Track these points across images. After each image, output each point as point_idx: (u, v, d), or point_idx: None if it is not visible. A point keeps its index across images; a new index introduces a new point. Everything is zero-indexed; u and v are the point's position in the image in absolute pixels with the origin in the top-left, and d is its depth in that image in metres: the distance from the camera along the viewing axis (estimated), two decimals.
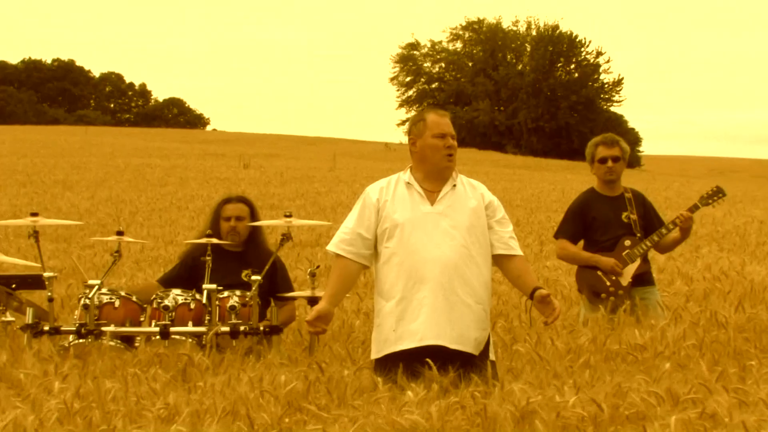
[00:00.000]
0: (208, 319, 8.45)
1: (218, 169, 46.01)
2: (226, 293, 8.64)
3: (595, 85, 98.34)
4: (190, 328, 8.49)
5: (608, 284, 9.39)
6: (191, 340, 8.35)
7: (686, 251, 15.09)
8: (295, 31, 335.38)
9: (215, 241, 8.93)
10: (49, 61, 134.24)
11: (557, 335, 8.28)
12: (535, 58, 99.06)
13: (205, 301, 8.54)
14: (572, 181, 44.77)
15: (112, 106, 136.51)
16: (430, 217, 7.37)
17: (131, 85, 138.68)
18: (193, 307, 8.64)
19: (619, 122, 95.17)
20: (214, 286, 8.50)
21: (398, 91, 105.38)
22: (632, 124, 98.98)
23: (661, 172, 65.56)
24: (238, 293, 8.66)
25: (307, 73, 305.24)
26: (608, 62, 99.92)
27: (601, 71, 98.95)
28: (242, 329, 8.44)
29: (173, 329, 8.44)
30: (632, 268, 9.42)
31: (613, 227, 9.51)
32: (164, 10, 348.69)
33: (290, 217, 8.92)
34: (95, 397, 6.58)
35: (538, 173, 56.00)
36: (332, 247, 7.56)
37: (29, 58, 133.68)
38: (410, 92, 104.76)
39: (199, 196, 30.39)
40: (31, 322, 8.55)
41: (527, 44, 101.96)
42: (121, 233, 9.10)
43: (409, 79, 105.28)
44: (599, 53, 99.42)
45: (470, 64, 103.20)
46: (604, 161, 9.55)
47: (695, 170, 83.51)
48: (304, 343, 8.75)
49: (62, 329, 8.56)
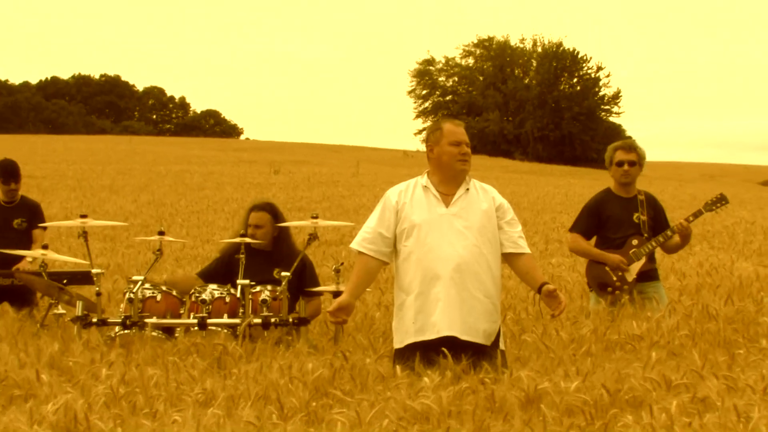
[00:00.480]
0: (241, 311, 8.45)
1: (251, 174, 46.03)
2: (258, 288, 8.64)
3: (595, 97, 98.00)
4: (225, 319, 8.49)
5: (615, 279, 9.38)
6: (226, 330, 8.35)
7: (681, 250, 15.03)
8: (321, 47, 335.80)
9: (248, 240, 8.94)
10: (97, 76, 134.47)
11: (561, 326, 8.27)
12: (540, 72, 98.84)
13: (239, 295, 8.55)
14: (575, 185, 44.70)
15: (154, 117, 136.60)
16: (445, 218, 7.37)
17: (172, 98, 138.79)
18: (228, 300, 8.65)
19: (617, 131, 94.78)
20: (247, 281, 8.51)
21: (415, 103, 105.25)
22: (630, 132, 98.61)
23: (657, 176, 65.18)
24: (269, 288, 8.67)
25: (332, 86, 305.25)
26: (608, 76, 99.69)
27: (601, 85, 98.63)
28: (273, 321, 8.44)
29: (210, 321, 8.45)
30: (638, 265, 9.40)
31: (624, 226, 9.48)
32: (202, 29, 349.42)
33: (316, 218, 8.93)
34: (139, 383, 6.59)
35: (543, 178, 55.89)
36: (355, 245, 7.57)
37: (79, 73, 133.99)
38: (426, 104, 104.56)
39: (233, 199, 30.39)
40: (80, 314, 8.58)
41: (533, 60, 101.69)
42: (162, 233, 9.10)
43: (425, 92, 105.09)
44: (599, 68, 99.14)
45: (481, 78, 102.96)
46: (621, 165, 9.53)
47: (688, 175, 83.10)
48: (329, 333, 8.75)
49: (109, 321, 8.59)
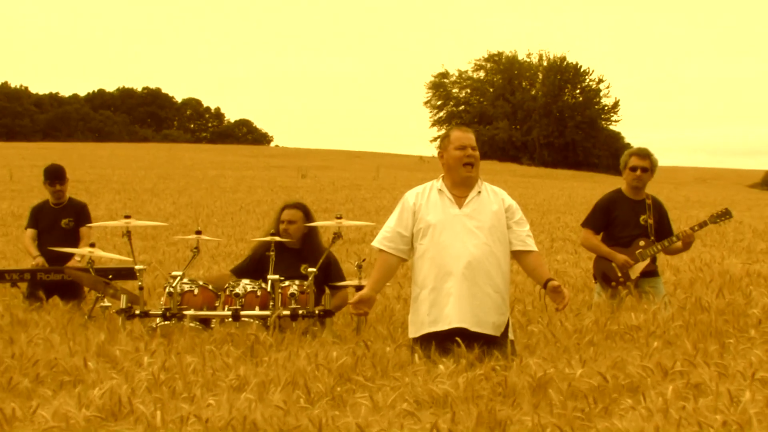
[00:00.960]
0: (272, 304, 8.45)
1: (280, 178, 46.12)
2: (287, 282, 8.64)
3: (596, 107, 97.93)
4: (257, 312, 8.49)
5: (619, 275, 9.35)
6: (258, 322, 8.35)
7: None
8: (345, 62, 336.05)
9: (277, 239, 8.94)
10: (139, 88, 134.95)
11: (566, 317, 8.25)
12: (546, 84, 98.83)
13: (269, 289, 8.54)
14: (577, 188, 44.65)
15: (192, 126, 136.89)
16: (457, 218, 7.37)
17: (208, 108, 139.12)
18: (259, 294, 8.65)
19: (617, 139, 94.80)
20: (277, 276, 8.51)
21: (431, 112, 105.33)
22: (628, 139, 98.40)
23: (653, 180, 64.88)
24: (297, 282, 8.67)
25: (354, 97, 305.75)
26: (608, 88, 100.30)
27: (601, 95, 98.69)
28: (300, 313, 8.44)
29: (243, 313, 8.45)
30: (642, 265, 9.37)
31: (630, 227, 9.45)
32: (236, 46, 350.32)
33: (341, 218, 8.93)
34: (178, 369, 6.59)
35: (548, 181, 55.82)
36: (376, 243, 7.59)
37: (123, 86, 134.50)
38: (441, 113, 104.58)
39: (264, 201, 30.44)
40: (124, 306, 8.58)
41: (539, 73, 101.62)
42: (199, 232, 9.11)
43: (440, 102, 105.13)
44: (600, 80, 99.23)
45: (491, 89, 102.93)
46: (634, 170, 9.51)
47: (682, 178, 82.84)
48: (352, 324, 8.75)
49: (150, 313, 8.59)
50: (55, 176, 10.95)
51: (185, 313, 8.47)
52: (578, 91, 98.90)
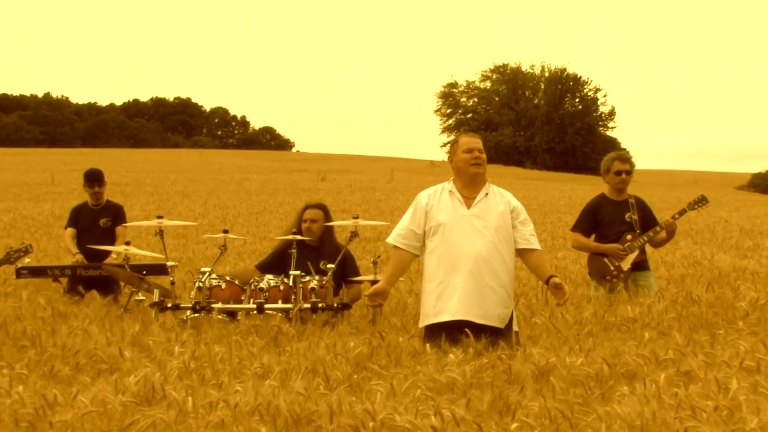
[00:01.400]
0: (293, 298, 8.45)
1: (301, 181, 46.15)
2: (307, 278, 8.65)
3: (594, 114, 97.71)
4: (280, 305, 8.50)
5: (612, 269, 9.34)
6: (281, 314, 8.36)
7: (668, 244, 14.93)
8: (361, 73, 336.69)
9: (299, 237, 8.95)
10: (171, 98, 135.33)
11: (566, 310, 8.23)
12: (547, 93, 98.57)
13: (291, 283, 8.55)
14: (577, 189, 44.56)
15: (219, 133, 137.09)
16: (466, 218, 7.36)
17: (234, 116, 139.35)
18: (282, 288, 8.65)
19: (613, 144, 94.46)
20: (298, 272, 8.52)
21: (441, 120, 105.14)
22: (625, 144, 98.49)
23: (648, 182, 64.92)
24: (317, 278, 8.67)
25: (370, 105, 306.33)
26: (605, 96, 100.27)
27: (599, 103, 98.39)
28: (320, 306, 8.44)
29: (267, 306, 8.46)
30: (632, 256, 9.36)
31: (617, 225, 9.45)
32: (259, 58, 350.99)
33: (357, 218, 8.93)
34: (207, 358, 6.60)
35: (550, 184, 55.75)
36: (391, 240, 7.58)
37: (156, 96, 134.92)
38: (450, 121, 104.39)
39: (286, 202, 30.45)
40: (157, 300, 8.61)
41: (541, 83, 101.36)
42: (226, 231, 9.13)
43: (449, 110, 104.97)
44: (597, 90, 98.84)
45: (497, 98, 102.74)
46: (619, 173, 9.53)
47: (675, 181, 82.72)
48: (368, 316, 8.74)
49: (181, 306, 8.61)
50: (94, 180, 11.01)
51: (213, 306, 8.48)
52: (577, 99, 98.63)
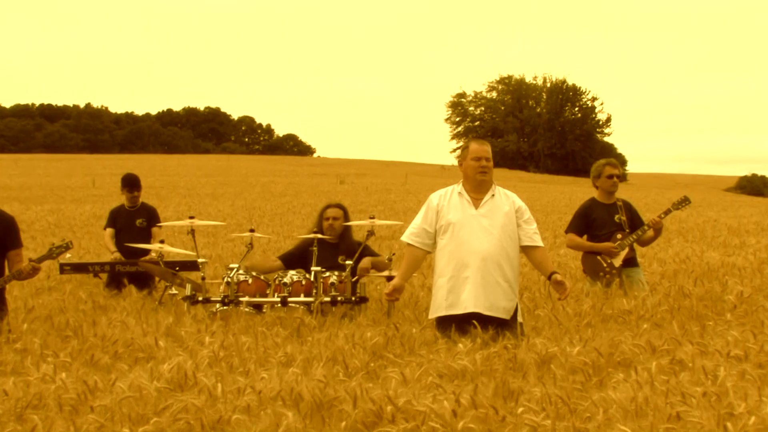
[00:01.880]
0: (315, 292, 8.46)
1: (322, 184, 46.18)
2: (327, 273, 8.65)
3: (592, 122, 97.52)
4: (302, 298, 8.50)
5: (605, 266, 9.32)
6: (303, 307, 8.37)
7: (661, 242, 14.90)
8: (379, 83, 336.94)
9: (319, 236, 8.95)
10: (202, 108, 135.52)
11: (567, 303, 8.20)
12: (549, 103, 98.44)
13: (312, 278, 8.55)
14: (576, 191, 44.45)
15: (246, 140, 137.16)
16: (474, 218, 7.36)
17: (260, 124, 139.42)
18: (304, 283, 8.66)
19: (610, 149, 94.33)
20: (319, 268, 8.52)
21: (450, 127, 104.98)
22: (620, 150, 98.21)
23: (642, 185, 64.82)
24: (336, 273, 8.68)
25: (386, 114, 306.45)
26: (601, 105, 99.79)
27: (596, 111, 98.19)
28: (339, 299, 8.44)
29: (290, 299, 8.47)
30: (623, 254, 9.34)
31: (608, 225, 9.44)
32: (283, 70, 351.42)
33: (374, 218, 8.94)
34: (235, 348, 6.60)
35: (552, 186, 55.68)
36: (405, 238, 7.59)
37: (188, 106, 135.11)
38: (459, 128, 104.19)
39: (308, 204, 30.46)
40: (189, 294, 8.62)
41: (543, 93, 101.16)
42: (253, 231, 9.14)
43: (458, 119, 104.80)
44: (594, 99, 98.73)
45: (502, 107, 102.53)
46: (611, 177, 9.54)
47: (667, 183, 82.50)
48: (383, 309, 8.74)
49: (211, 299, 8.62)
50: (131, 184, 11.07)
51: (241, 299, 8.49)
52: (577, 108, 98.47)
